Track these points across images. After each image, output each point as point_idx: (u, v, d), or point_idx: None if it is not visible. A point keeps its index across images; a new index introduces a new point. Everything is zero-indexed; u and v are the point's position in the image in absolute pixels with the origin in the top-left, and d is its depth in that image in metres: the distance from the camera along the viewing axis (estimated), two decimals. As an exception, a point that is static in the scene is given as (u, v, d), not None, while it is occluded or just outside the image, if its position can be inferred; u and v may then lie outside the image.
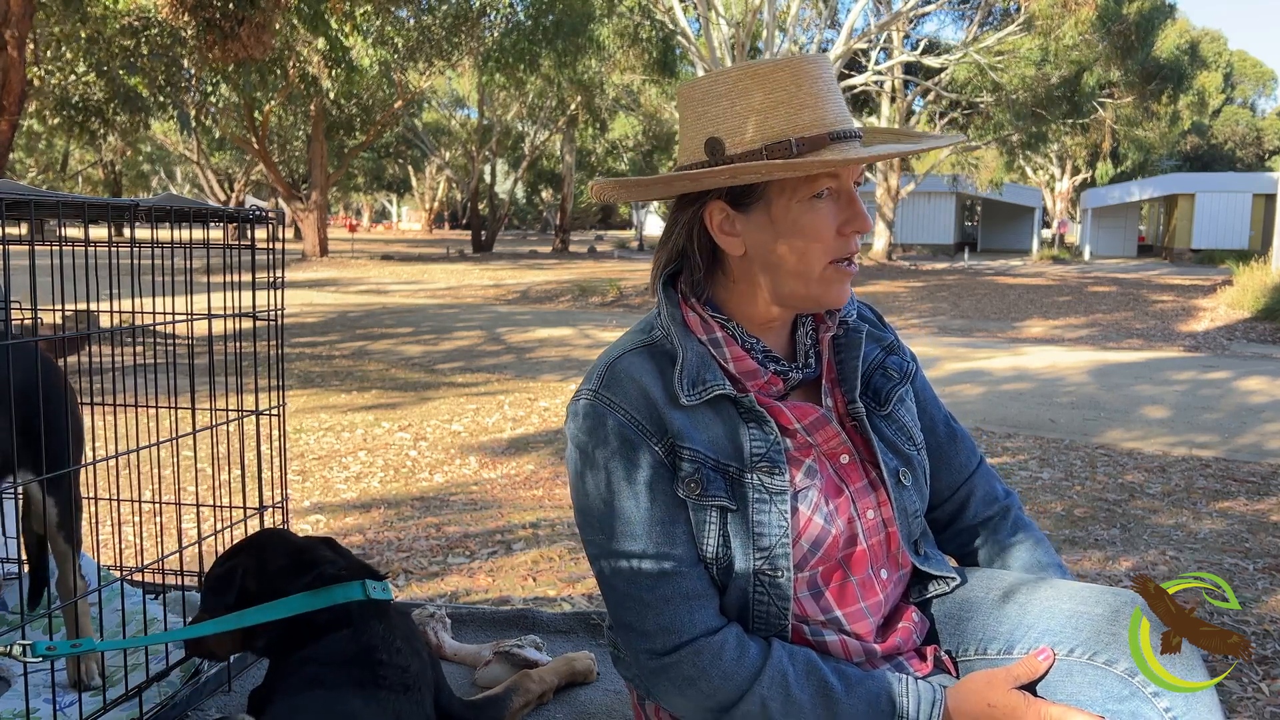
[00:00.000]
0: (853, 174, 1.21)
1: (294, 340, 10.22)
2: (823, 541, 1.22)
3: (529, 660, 1.97)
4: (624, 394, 1.22)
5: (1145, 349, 10.57)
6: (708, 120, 1.22)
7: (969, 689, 1.18)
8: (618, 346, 1.29)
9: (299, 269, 22.87)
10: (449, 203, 60.54)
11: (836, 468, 1.27)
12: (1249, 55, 55.22)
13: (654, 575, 1.20)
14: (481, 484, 4.77)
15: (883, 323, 1.44)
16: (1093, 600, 1.18)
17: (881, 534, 1.29)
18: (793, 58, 1.21)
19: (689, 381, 1.22)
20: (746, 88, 1.19)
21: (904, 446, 1.32)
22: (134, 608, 2.03)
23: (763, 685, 1.16)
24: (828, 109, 1.18)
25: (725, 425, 1.22)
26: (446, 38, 18.97)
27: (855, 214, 1.20)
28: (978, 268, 26.62)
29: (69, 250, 1.77)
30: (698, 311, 1.27)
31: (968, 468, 1.45)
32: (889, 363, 1.37)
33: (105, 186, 37.52)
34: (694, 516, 1.21)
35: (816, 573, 1.24)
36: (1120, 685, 1.10)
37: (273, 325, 1.98)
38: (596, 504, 1.23)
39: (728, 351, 1.25)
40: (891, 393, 1.34)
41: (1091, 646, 1.14)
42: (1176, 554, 3.70)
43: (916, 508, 1.33)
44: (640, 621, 1.21)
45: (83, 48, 11.82)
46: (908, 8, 20.25)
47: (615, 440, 1.21)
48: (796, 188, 1.19)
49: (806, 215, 1.19)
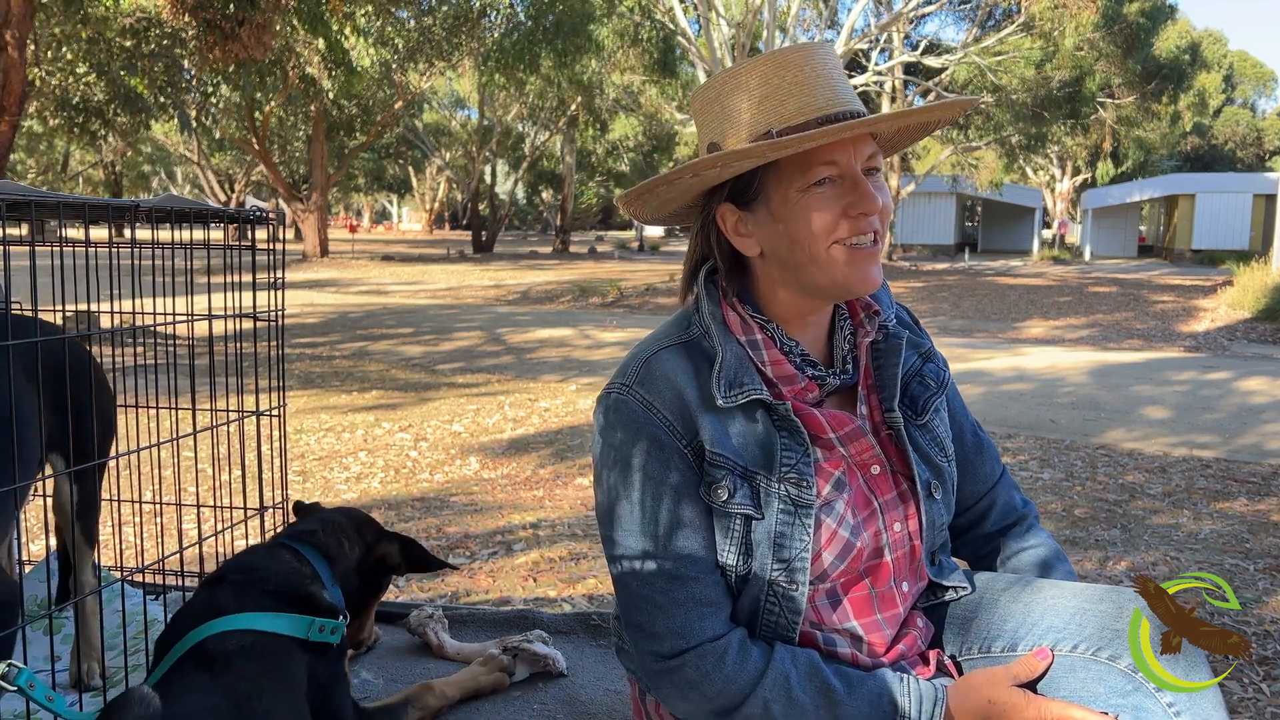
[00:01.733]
0: (855, 157, 1.17)
1: (294, 341, 10.22)
2: (847, 555, 1.21)
3: (538, 654, 1.96)
4: (657, 392, 1.20)
5: (1146, 349, 10.56)
6: (708, 127, 1.23)
7: (969, 686, 1.18)
8: (653, 341, 1.26)
9: (299, 269, 22.87)
10: (449, 203, 60.55)
11: (867, 479, 1.25)
12: (1249, 55, 55.24)
13: (669, 578, 1.18)
14: (482, 484, 4.77)
15: (919, 328, 1.41)
16: (1096, 598, 1.18)
17: (906, 547, 1.27)
18: (778, 50, 1.20)
19: (726, 383, 1.19)
20: (734, 87, 1.19)
21: (937, 458, 1.29)
22: (134, 609, 2.03)
23: (765, 688, 1.16)
24: (816, 95, 1.16)
25: (757, 432, 1.20)
26: (447, 38, 18.98)
27: (860, 195, 1.16)
28: (978, 268, 26.61)
29: (70, 251, 1.77)
30: (739, 311, 1.24)
31: (992, 478, 1.43)
32: (926, 370, 1.33)
33: (106, 187, 37.53)
34: (717, 523, 1.20)
35: (838, 584, 1.23)
36: (1124, 680, 1.10)
37: (273, 326, 1.98)
38: (619, 501, 1.21)
39: (766, 355, 1.23)
40: (929, 402, 1.31)
41: (1095, 643, 1.14)
42: (1177, 554, 3.70)
43: (943, 521, 1.31)
44: (650, 623, 1.20)
45: (83, 48, 11.83)
46: (908, 8, 20.24)
47: (644, 439, 1.19)
48: (792, 178, 1.17)
49: (806, 204, 1.17)
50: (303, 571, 1.53)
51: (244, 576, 1.47)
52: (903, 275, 22.90)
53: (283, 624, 1.41)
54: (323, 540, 1.61)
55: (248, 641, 1.36)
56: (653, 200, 1.26)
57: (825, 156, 1.15)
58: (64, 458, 1.67)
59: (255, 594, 1.44)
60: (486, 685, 1.85)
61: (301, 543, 1.58)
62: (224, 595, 1.43)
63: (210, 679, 1.32)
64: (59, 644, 1.91)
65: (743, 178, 1.20)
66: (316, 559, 1.57)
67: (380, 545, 1.70)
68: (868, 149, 1.18)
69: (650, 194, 1.25)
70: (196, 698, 1.30)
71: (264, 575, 1.48)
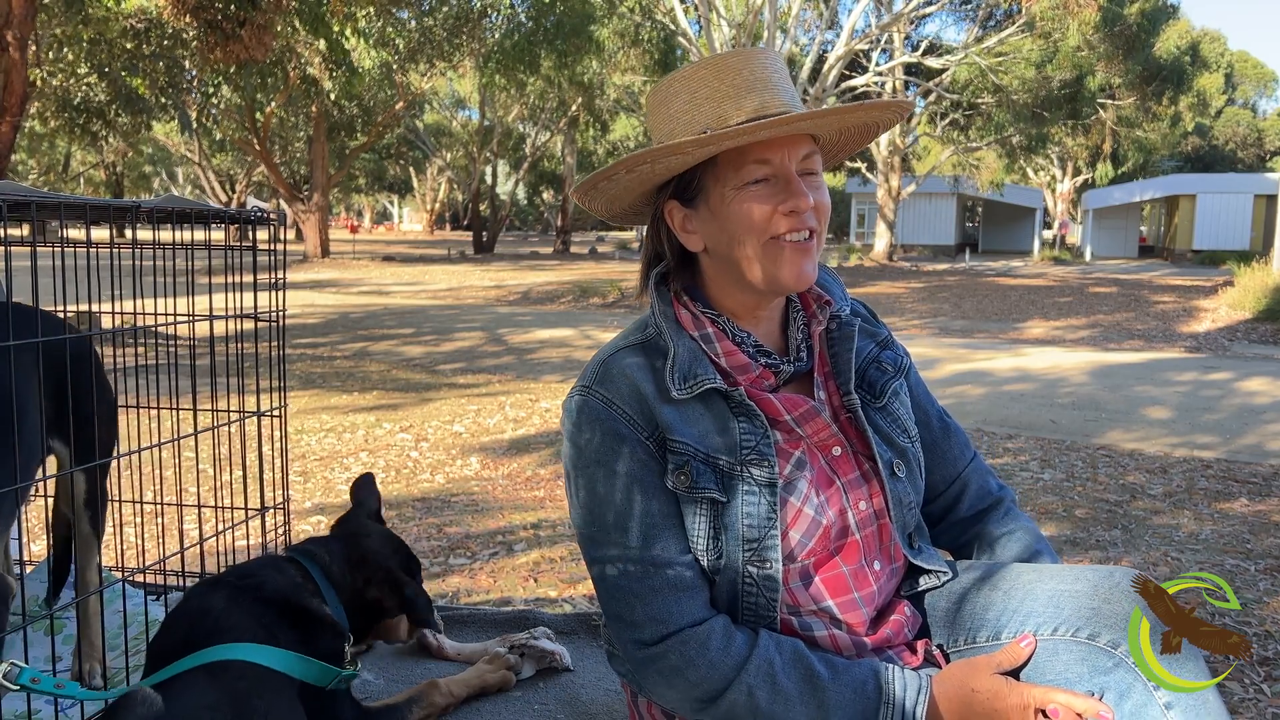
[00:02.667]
0: (789, 157, 1.21)
1: (295, 341, 10.23)
2: (814, 532, 1.24)
3: (544, 650, 1.96)
4: (616, 390, 1.25)
5: (1146, 350, 10.56)
6: (655, 127, 1.29)
7: (951, 676, 1.19)
8: (611, 345, 1.32)
9: (300, 270, 22.88)
10: (450, 204, 60.57)
11: (828, 459, 1.28)
12: (1250, 56, 55.21)
13: (643, 566, 1.21)
14: (483, 485, 4.77)
15: (876, 319, 1.46)
16: (1072, 578, 1.19)
17: (874, 525, 1.30)
18: (721, 54, 1.25)
19: (680, 375, 1.24)
20: (679, 89, 1.25)
21: (898, 438, 1.33)
22: (135, 609, 2.03)
23: (749, 674, 1.17)
24: (753, 96, 1.21)
25: (715, 419, 1.24)
26: (448, 39, 18.99)
27: (790, 193, 1.20)
28: (979, 269, 26.61)
29: (71, 251, 1.77)
30: (689, 308, 1.30)
31: (961, 461, 1.46)
32: (883, 357, 1.38)
33: (107, 188, 37.55)
34: (684, 509, 1.23)
35: (809, 563, 1.25)
36: (1105, 658, 1.11)
37: (274, 326, 1.98)
38: (589, 497, 1.25)
39: (719, 346, 1.28)
40: (886, 385, 1.36)
41: (1074, 624, 1.15)
42: (1178, 555, 3.70)
43: (911, 499, 1.34)
44: (629, 612, 1.22)
45: (85, 49, 11.84)
46: (909, 9, 20.25)
47: (607, 434, 1.23)
48: (728, 176, 1.22)
49: (740, 202, 1.21)
50: (307, 587, 1.51)
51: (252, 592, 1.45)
52: (903, 276, 22.89)
53: (296, 667, 1.39)
54: (335, 573, 1.57)
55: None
56: (600, 196, 1.32)
57: (759, 155, 1.20)
58: (67, 445, 1.67)
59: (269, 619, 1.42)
60: (493, 683, 1.85)
61: (311, 560, 1.56)
62: (234, 615, 1.40)
63: (210, 678, 1.32)
64: (60, 644, 1.91)
65: (685, 176, 1.26)
66: (326, 587, 1.54)
67: (371, 591, 1.61)
68: (803, 149, 1.23)
69: (595, 189, 1.30)
70: (197, 697, 1.30)
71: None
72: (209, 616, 1.39)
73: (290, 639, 1.42)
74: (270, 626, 1.41)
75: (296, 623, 1.45)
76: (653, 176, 1.26)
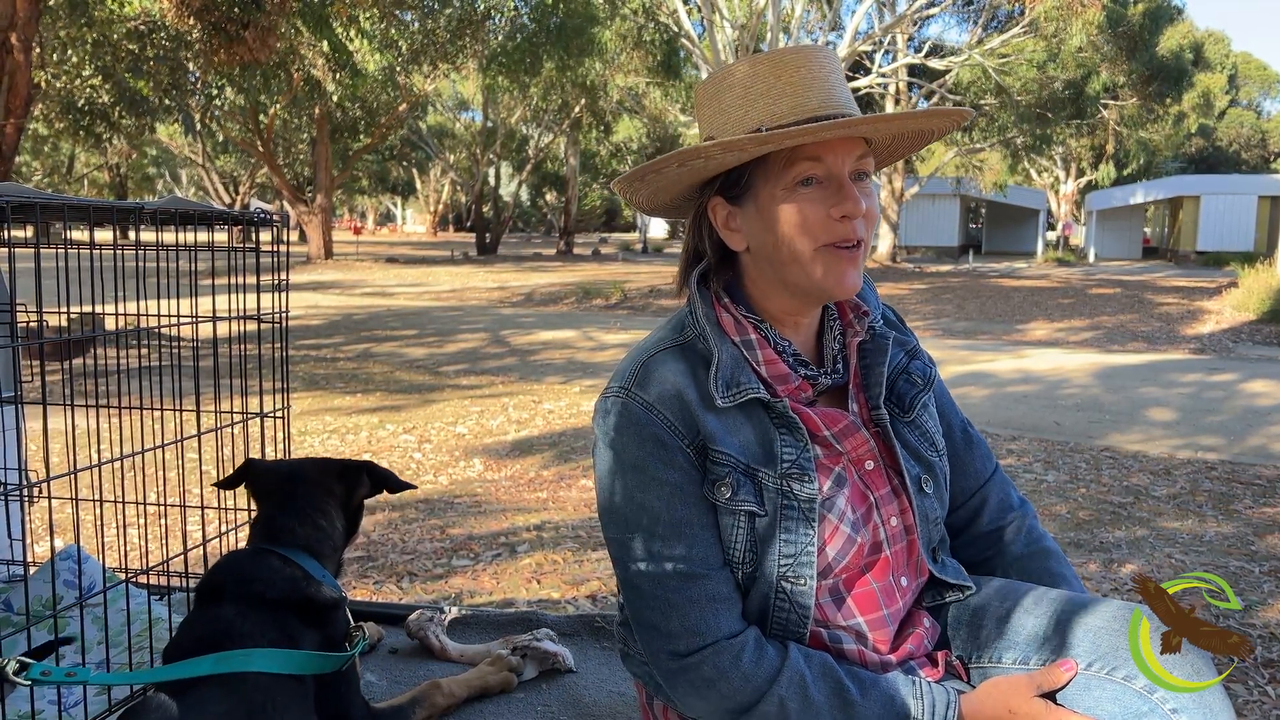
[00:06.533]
0: (842, 160, 1.18)
1: (298, 343, 10.24)
2: (849, 550, 1.22)
3: (547, 652, 1.96)
4: (656, 393, 1.20)
5: (1150, 351, 10.54)
6: (705, 120, 1.25)
7: (989, 694, 1.18)
8: (649, 344, 1.27)
9: (303, 271, 22.91)
10: (453, 205, 60.62)
11: (861, 474, 1.26)
12: (1253, 57, 55.17)
13: (681, 577, 1.19)
14: (486, 486, 4.77)
15: (904, 325, 1.42)
16: (1109, 615, 1.17)
17: (904, 541, 1.28)
18: (778, 50, 1.22)
19: (724, 383, 1.20)
20: (732, 84, 1.21)
21: (926, 453, 1.31)
22: (138, 608, 2.04)
23: (780, 686, 1.16)
24: (810, 95, 1.17)
25: (757, 430, 1.21)
26: (450, 41, 18.99)
27: (843, 197, 1.17)
28: (982, 270, 26.58)
29: (74, 253, 1.77)
30: (731, 312, 1.26)
31: (983, 474, 1.44)
32: (912, 367, 1.35)
33: (110, 189, 37.62)
34: (721, 520, 1.21)
35: (840, 580, 1.23)
36: (1139, 701, 1.09)
37: (277, 328, 1.98)
38: (624, 503, 1.21)
39: (760, 354, 1.24)
40: (915, 399, 1.33)
41: (1110, 661, 1.13)
42: (1182, 557, 3.70)
43: (937, 514, 1.32)
44: (665, 622, 1.20)
45: (89, 51, 11.86)
46: (912, 10, 20.23)
47: (647, 439, 1.19)
48: (779, 176, 1.18)
49: (791, 203, 1.18)
50: (295, 575, 1.49)
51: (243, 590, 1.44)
52: (906, 277, 22.87)
53: (297, 663, 1.39)
54: (305, 536, 1.55)
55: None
56: (644, 188, 1.28)
57: (812, 152, 1.17)
58: None
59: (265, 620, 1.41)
60: (495, 685, 1.85)
61: (286, 546, 1.53)
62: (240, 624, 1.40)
63: (224, 688, 1.31)
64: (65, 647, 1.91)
65: (734, 172, 1.22)
66: (305, 559, 1.52)
67: (356, 495, 1.67)
68: (857, 152, 1.19)
69: (641, 181, 1.27)
70: (210, 702, 1.29)
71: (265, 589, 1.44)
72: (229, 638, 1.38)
73: (308, 636, 1.43)
74: (285, 628, 1.41)
75: (308, 619, 1.45)
76: (704, 171, 1.22)
